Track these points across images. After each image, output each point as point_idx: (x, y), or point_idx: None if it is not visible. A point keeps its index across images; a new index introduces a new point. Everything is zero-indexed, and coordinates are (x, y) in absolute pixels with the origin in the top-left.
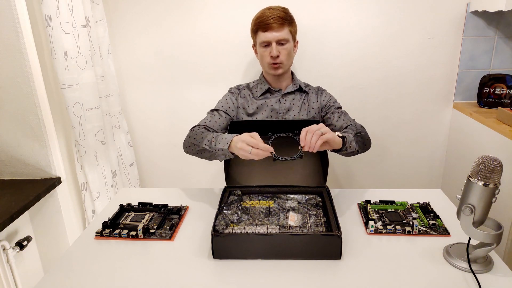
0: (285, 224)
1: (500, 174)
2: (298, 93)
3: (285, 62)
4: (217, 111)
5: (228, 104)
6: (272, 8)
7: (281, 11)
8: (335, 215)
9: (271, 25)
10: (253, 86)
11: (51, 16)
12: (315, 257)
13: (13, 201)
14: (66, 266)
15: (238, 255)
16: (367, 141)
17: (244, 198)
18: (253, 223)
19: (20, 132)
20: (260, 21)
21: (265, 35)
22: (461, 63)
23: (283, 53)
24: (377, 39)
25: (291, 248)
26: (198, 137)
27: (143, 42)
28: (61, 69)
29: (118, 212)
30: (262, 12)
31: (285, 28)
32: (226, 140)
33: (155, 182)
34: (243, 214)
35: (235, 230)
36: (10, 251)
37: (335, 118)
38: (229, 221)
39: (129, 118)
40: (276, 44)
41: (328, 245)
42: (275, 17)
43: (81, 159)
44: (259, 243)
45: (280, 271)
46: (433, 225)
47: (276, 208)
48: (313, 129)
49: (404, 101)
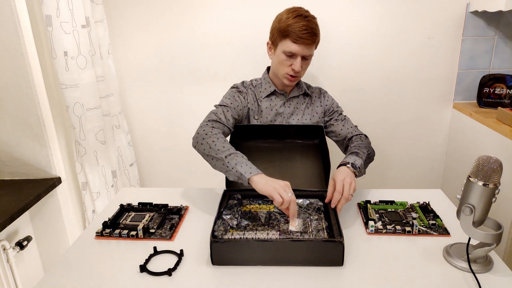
0: (285, 230)
1: (500, 174)
2: (302, 97)
3: (302, 75)
4: (227, 106)
5: (237, 102)
6: (307, 19)
7: (315, 23)
8: (337, 220)
9: (305, 39)
10: (257, 85)
11: (51, 16)
12: (317, 263)
13: (13, 201)
14: (66, 266)
15: (238, 262)
16: (372, 157)
17: (244, 202)
18: (253, 229)
19: (20, 132)
20: (293, 30)
21: (294, 47)
22: (461, 63)
23: (304, 67)
24: (377, 39)
25: (292, 254)
26: (217, 142)
27: (143, 42)
28: (61, 69)
29: (118, 212)
30: (296, 20)
31: (314, 44)
32: (250, 170)
33: (155, 182)
34: (243, 219)
35: (234, 236)
36: (10, 251)
37: (339, 126)
38: (228, 226)
39: (129, 118)
40: (301, 58)
41: (330, 251)
42: (311, 32)
43: (81, 159)
44: (259, 249)
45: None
46: (433, 225)
47: (277, 212)
48: (346, 193)
49: (404, 101)
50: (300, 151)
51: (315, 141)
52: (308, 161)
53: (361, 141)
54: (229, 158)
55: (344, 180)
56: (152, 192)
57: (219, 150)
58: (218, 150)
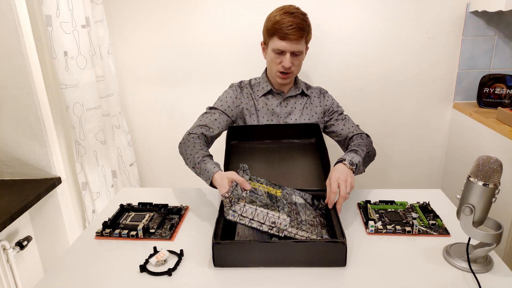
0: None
1: (500, 174)
2: (300, 97)
3: (295, 72)
4: (215, 109)
5: (227, 103)
6: (294, 14)
7: (302, 19)
8: (339, 220)
9: (291, 35)
10: (255, 84)
11: (51, 16)
12: (319, 264)
13: (13, 201)
14: (66, 266)
15: (240, 263)
16: (372, 156)
17: (253, 178)
18: (264, 206)
19: (20, 132)
20: (279, 27)
21: (281, 44)
22: (461, 63)
23: (295, 63)
24: (377, 39)
25: (294, 255)
26: (188, 151)
27: (143, 42)
28: (61, 69)
29: (118, 212)
30: (283, 17)
31: (303, 39)
32: (208, 175)
33: (155, 182)
34: (252, 193)
35: (246, 208)
36: (10, 251)
37: (340, 126)
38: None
39: (129, 118)
40: (290, 55)
41: (333, 252)
42: (296, 28)
43: (81, 159)
44: (261, 251)
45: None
46: (433, 225)
47: (283, 198)
48: (343, 192)
49: (404, 101)
50: (298, 150)
51: (312, 140)
52: (307, 160)
53: (361, 139)
54: (193, 170)
55: (338, 178)
56: (152, 192)
57: (189, 159)
58: (188, 160)
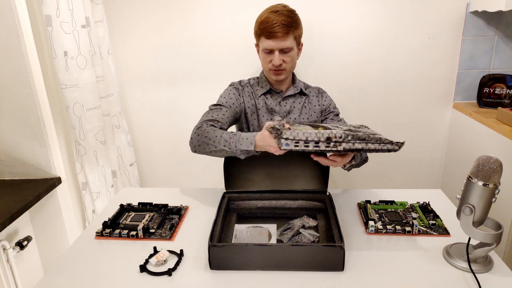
0: None
1: (500, 174)
2: (298, 96)
3: (287, 68)
4: (221, 106)
5: (232, 100)
6: (279, 12)
7: (287, 16)
8: (338, 224)
9: (276, 33)
10: (254, 84)
11: (51, 16)
12: (316, 268)
13: (13, 201)
14: (66, 266)
15: (236, 266)
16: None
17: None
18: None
19: (20, 132)
20: (264, 27)
21: (268, 43)
22: (461, 63)
23: (286, 60)
24: (377, 39)
25: (291, 259)
26: (210, 135)
27: (143, 42)
28: (61, 69)
29: (118, 212)
30: (267, 16)
31: (290, 36)
32: (249, 141)
33: (155, 182)
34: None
35: (297, 132)
36: (10, 251)
37: None
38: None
39: (129, 118)
40: (279, 52)
41: (330, 256)
42: (280, 25)
43: (81, 159)
44: (258, 254)
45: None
46: (433, 225)
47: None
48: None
49: (404, 101)
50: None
51: None
52: (307, 162)
53: None
54: (228, 145)
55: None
56: (152, 192)
57: (216, 142)
58: (216, 142)
